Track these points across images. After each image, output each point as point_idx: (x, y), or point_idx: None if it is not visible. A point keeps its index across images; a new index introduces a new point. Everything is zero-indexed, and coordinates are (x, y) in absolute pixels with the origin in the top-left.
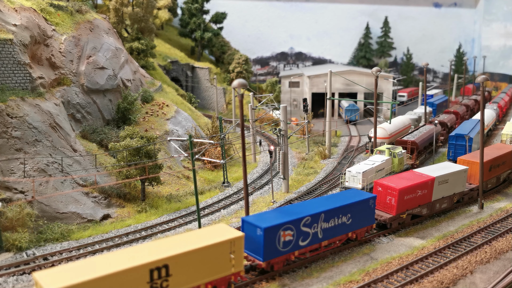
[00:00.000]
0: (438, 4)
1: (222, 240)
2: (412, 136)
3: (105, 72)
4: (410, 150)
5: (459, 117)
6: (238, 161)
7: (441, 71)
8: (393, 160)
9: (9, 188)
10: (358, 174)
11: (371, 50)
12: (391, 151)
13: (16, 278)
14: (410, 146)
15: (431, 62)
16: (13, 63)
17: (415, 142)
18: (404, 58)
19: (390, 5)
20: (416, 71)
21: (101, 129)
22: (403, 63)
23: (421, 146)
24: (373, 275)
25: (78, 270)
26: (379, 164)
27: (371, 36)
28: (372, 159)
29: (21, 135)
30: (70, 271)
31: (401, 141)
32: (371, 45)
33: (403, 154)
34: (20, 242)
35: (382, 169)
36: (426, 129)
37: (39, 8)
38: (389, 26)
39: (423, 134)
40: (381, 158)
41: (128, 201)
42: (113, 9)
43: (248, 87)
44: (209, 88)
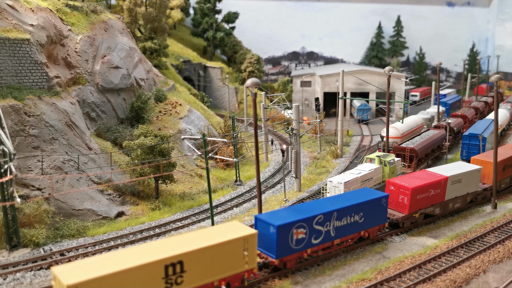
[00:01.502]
0: (451, 3)
1: (236, 237)
2: (411, 143)
3: (119, 72)
4: (409, 158)
5: (467, 121)
6: (250, 160)
7: (454, 71)
8: (383, 169)
9: (26, 185)
10: (340, 184)
11: (383, 50)
12: (382, 159)
13: (34, 273)
14: (409, 153)
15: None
16: (30, 63)
17: (414, 149)
18: (416, 57)
19: (402, 4)
20: (429, 70)
21: (115, 128)
22: (416, 63)
23: (422, 153)
24: (386, 273)
25: (95, 265)
26: (366, 174)
27: (383, 35)
28: (360, 168)
29: (38, 133)
30: (87, 266)
31: (399, 148)
32: (383, 45)
33: (396, 163)
34: (37, 238)
35: (370, 178)
36: (429, 134)
37: (55, 8)
38: (401, 25)
39: (425, 140)
40: (370, 166)
41: (142, 199)
42: (126, 9)
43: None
44: (221, 88)
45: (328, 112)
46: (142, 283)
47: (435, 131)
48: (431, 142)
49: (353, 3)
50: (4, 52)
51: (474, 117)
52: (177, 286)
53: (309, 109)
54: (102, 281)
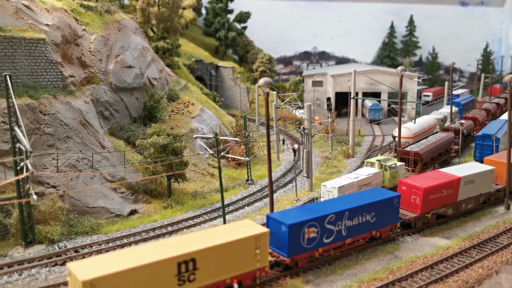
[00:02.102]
0: (465, 3)
1: (248, 235)
2: (416, 146)
3: (133, 71)
4: (413, 162)
5: (478, 124)
6: (262, 160)
7: (467, 71)
8: (384, 174)
9: (41, 182)
10: (333, 189)
11: (395, 49)
12: (383, 164)
13: (49, 269)
14: (413, 157)
15: (457, 61)
16: (45, 62)
17: (419, 153)
18: (429, 57)
19: (415, 3)
20: (441, 70)
21: (128, 127)
22: (428, 63)
23: (427, 157)
24: (397, 273)
25: (110, 262)
26: (364, 178)
27: (395, 35)
28: (358, 172)
29: (53, 131)
30: (102, 262)
31: (403, 152)
32: (396, 44)
33: (398, 167)
34: (52, 235)
35: (368, 183)
36: (437, 138)
37: (70, 8)
38: (414, 25)
39: (431, 144)
40: (369, 171)
41: (154, 197)
42: (139, 9)
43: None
44: (233, 87)
45: (340, 112)
46: (155, 279)
47: (443, 134)
48: (438, 146)
49: (365, 2)
50: (20, 51)
51: (485, 119)
52: (189, 283)
53: (321, 109)
54: (117, 277)
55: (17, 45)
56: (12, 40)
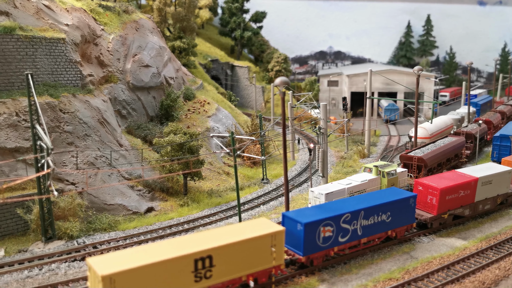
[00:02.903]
0: (483, 2)
1: (264, 233)
2: (421, 151)
3: (150, 70)
4: (416, 168)
5: (491, 127)
6: (277, 159)
7: (485, 71)
8: (381, 181)
9: (61, 179)
10: (320, 195)
11: (412, 49)
12: (380, 170)
13: (68, 265)
14: (417, 163)
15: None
16: (65, 61)
17: (423, 158)
18: (446, 57)
19: (432, 2)
20: (459, 70)
21: (145, 125)
22: (446, 62)
23: (432, 163)
24: (413, 273)
25: (129, 257)
26: (357, 185)
27: (412, 34)
28: (352, 178)
29: (72, 129)
30: (121, 258)
31: (406, 157)
32: (412, 44)
33: (398, 174)
34: (71, 231)
35: (362, 190)
36: (445, 142)
37: (89, 8)
38: (431, 24)
39: (438, 149)
40: (365, 177)
41: (170, 195)
42: (156, 9)
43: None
44: (248, 87)
45: (355, 111)
46: (173, 276)
47: (453, 138)
48: (446, 151)
49: (381, 2)
50: (41, 51)
51: (500, 123)
52: (206, 280)
53: (336, 108)
54: (135, 272)
55: (38, 45)
56: (33, 40)
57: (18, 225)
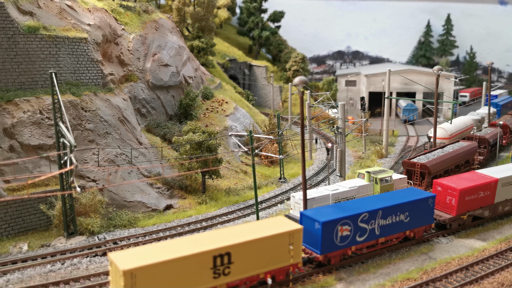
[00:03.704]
0: (504, 2)
1: (282, 231)
2: (425, 157)
3: (169, 69)
4: (419, 175)
5: (508, 131)
6: (294, 158)
7: (506, 71)
8: (374, 187)
9: (82, 176)
10: (301, 201)
11: (431, 49)
12: (373, 176)
13: (89, 260)
14: (419, 169)
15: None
16: (87, 61)
17: (426, 165)
18: (466, 57)
19: (452, 2)
20: (479, 70)
21: (165, 124)
22: (466, 62)
23: (436, 170)
24: (432, 274)
25: (149, 253)
26: (344, 191)
27: (431, 34)
28: (341, 184)
29: (93, 127)
30: (142, 253)
31: (409, 163)
32: (432, 44)
33: (393, 181)
34: (92, 227)
35: (351, 197)
36: (455, 147)
37: (110, 8)
38: (451, 24)
39: (445, 155)
40: (355, 183)
41: (189, 193)
42: (175, 8)
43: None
44: (266, 86)
45: (373, 112)
46: (192, 272)
47: (464, 143)
48: (454, 157)
49: (401, 1)
50: (64, 50)
51: None
52: (224, 276)
53: (354, 108)
54: (155, 268)
55: (61, 44)
56: (56, 39)
57: (41, 220)
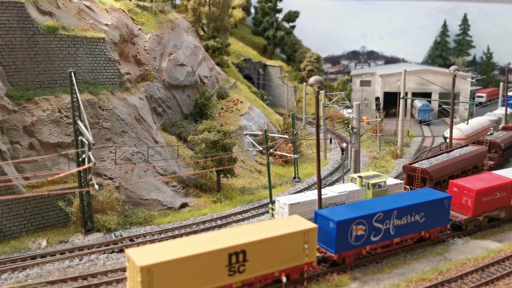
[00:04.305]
0: None
1: (297, 230)
2: (428, 162)
3: (185, 69)
4: (421, 181)
5: None
6: (308, 158)
7: None
8: (366, 193)
9: (100, 174)
10: (285, 206)
11: (447, 49)
12: (365, 181)
13: (107, 256)
14: (421, 175)
15: None
16: (104, 60)
17: (427, 170)
18: (483, 57)
19: (469, 1)
20: (496, 71)
21: (180, 123)
22: (483, 63)
23: (439, 175)
24: (447, 274)
25: (165, 250)
26: (333, 196)
27: (448, 34)
28: (331, 188)
29: (110, 126)
30: (158, 250)
31: (410, 168)
32: (448, 44)
33: (387, 187)
34: (109, 224)
35: (340, 202)
36: (462, 152)
37: (127, 9)
38: (468, 24)
39: (450, 160)
40: (346, 188)
41: (204, 192)
42: (191, 8)
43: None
44: (280, 86)
45: (388, 112)
46: (207, 269)
47: (472, 147)
48: (460, 162)
49: (417, 0)
50: (82, 50)
51: None
52: (239, 274)
53: (368, 108)
54: (171, 264)
55: (79, 44)
56: (74, 39)
57: (60, 217)
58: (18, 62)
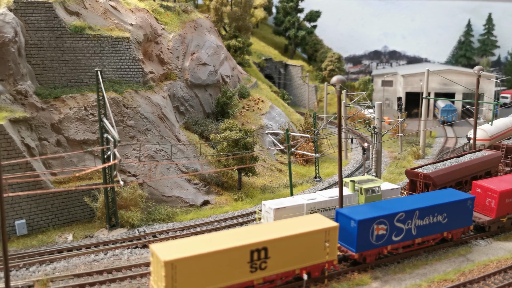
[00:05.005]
0: None
1: (318, 228)
2: (433, 167)
3: (207, 68)
4: (424, 187)
5: None
6: (329, 158)
7: None
8: (359, 198)
9: (124, 171)
10: (270, 210)
11: (471, 49)
12: (358, 186)
13: (130, 251)
14: (423, 180)
15: None
16: (128, 59)
17: (430, 176)
18: (508, 57)
19: (494, 1)
20: None
21: (202, 122)
22: (508, 63)
23: (443, 181)
24: (469, 276)
25: (189, 245)
26: (322, 201)
27: (472, 33)
28: (321, 193)
29: (134, 124)
30: (182, 245)
31: (413, 173)
32: (472, 43)
33: (382, 192)
34: (132, 220)
35: (330, 207)
36: (473, 157)
37: (151, 9)
38: (492, 23)
39: (457, 165)
40: (337, 193)
41: (225, 190)
42: (213, 8)
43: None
44: (301, 86)
45: (410, 112)
46: (229, 265)
47: (486, 152)
48: (469, 167)
49: (441, 0)
50: (107, 49)
51: None
52: (261, 271)
53: (390, 109)
54: (195, 259)
55: (105, 43)
56: (100, 39)
57: (85, 212)
58: (46, 61)
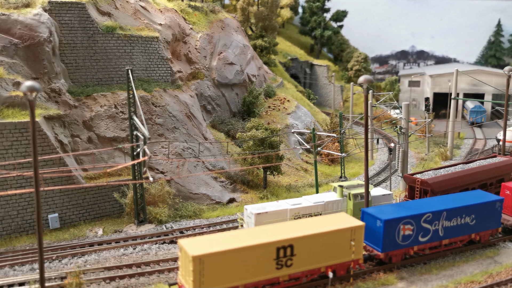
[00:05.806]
0: None
1: (344, 227)
2: (433, 173)
3: (234, 68)
4: (422, 193)
5: None
6: (355, 158)
7: None
8: (347, 205)
9: (152, 168)
10: (252, 215)
11: (502, 49)
12: (347, 191)
13: (158, 246)
14: (420, 186)
15: None
16: (157, 58)
17: (427, 182)
18: None
19: None
20: None
21: (229, 120)
22: None
23: (442, 188)
24: (497, 278)
25: (216, 241)
26: (307, 207)
27: (502, 33)
28: (308, 197)
29: (162, 122)
30: (209, 241)
31: (411, 179)
32: (502, 43)
33: (372, 198)
34: (160, 216)
35: (316, 213)
36: (483, 163)
37: (180, 9)
38: None
39: (461, 172)
40: (323, 198)
41: (251, 188)
42: (240, 8)
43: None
44: (327, 86)
45: (438, 113)
46: (256, 261)
47: (499, 159)
48: (475, 174)
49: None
50: (137, 48)
51: None
52: (286, 268)
53: (417, 109)
54: (222, 255)
55: (135, 43)
56: (131, 38)
57: (114, 207)
58: (79, 60)
